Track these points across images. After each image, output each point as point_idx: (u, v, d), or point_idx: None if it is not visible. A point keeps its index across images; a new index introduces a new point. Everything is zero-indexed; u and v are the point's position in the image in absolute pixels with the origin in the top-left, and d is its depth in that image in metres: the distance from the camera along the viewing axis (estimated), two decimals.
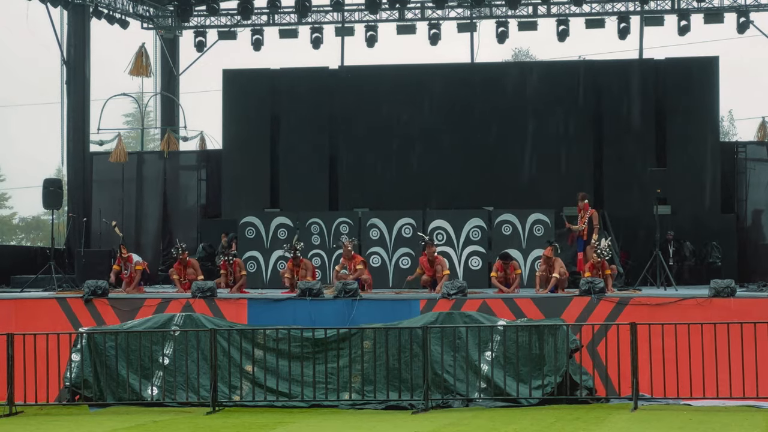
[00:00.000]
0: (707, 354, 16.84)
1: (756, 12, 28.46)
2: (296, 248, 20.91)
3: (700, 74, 27.90)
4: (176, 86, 31.82)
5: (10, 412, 17.34)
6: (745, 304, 18.28)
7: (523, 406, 17.13)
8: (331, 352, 17.77)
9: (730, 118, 58.91)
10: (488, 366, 17.52)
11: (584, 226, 20.95)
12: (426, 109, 28.29)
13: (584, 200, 21.18)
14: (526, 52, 58.98)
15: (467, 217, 23.21)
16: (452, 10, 29.73)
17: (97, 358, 18.04)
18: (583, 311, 18.64)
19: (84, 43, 27.59)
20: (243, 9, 29.31)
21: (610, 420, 15.60)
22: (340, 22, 30.15)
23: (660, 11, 29.13)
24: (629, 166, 27.12)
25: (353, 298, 19.22)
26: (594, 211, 21.08)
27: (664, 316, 18.03)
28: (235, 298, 19.84)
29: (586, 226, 20.91)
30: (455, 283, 19.27)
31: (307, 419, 16.40)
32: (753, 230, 27.14)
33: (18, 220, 64.50)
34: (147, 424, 16.02)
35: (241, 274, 21.39)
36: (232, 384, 17.84)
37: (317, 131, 28.73)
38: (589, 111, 28.12)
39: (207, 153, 30.04)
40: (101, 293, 19.80)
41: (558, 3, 29.42)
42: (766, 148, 27.55)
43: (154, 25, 31.18)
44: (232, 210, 27.22)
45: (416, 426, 15.43)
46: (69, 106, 27.63)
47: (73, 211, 27.12)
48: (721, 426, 14.90)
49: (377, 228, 23.45)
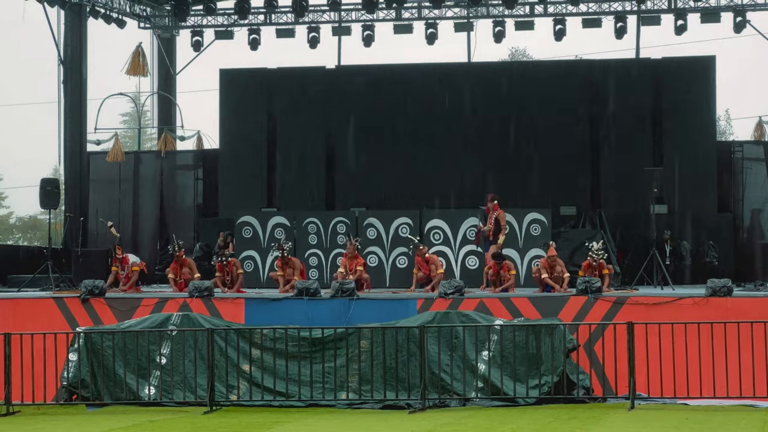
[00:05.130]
0: (704, 353, 16.87)
1: (752, 11, 28.44)
2: (284, 247, 20.95)
3: (696, 74, 27.88)
4: (173, 86, 31.79)
5: (7, 412, 17.35)
6: (742, 303, 18.31)
7: (520, 405, 17.16)
8: (329, 351, 17.78)
9: (726, 117, 58.92)
10: (485, 365, 17.53)
11: (491, 227, 21.05)
12: (422, 108, 28.24)
13: (493, 201, 21.30)
14: (523, 51, 59.01)
15: (464, 216, 23.24)
16: (449, 9, 29.71)
17: (95, 358, 18.05)
18: (580, 311, 18.67)
19: (81, 42, 27.58)
20: (240, 8, 29.26)
21: (607, 419, 15.62)
22: (337, 21, 30.13)
23: (657, 11, 29.10)
24: (626, 166, 27.10)
25: (350, 297, 19.24)
26: (501, 212, 21.15)
27: (661, 315, 18.06)
28: (233, 298, 19.85)
29: (492, 226, 21.00)
30: (452, 283, 19.29)
31: (305, 419, 16.41)
32: (750, 229, 27.15)
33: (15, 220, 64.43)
34: (144, 423, 16.02)
35: (239, 273, 21.39)
36: (230, 383, 17.85)
37: (314, 131, 28.70)
38: (586, 110, 28.08)
39: (204, 152, 30.02)
40: (98, 293, 19.80)
41: (555, 2, 29.38)
42: (762, 147, 27.54)
43: (151, 24, 31.15)
44: (229, 209, 27.18)
45: (413, 425, 15.45)
46: (66, 106, 27.61)
47: (70, 210, 27.10)
48: (718, 425, 14.92)
49: (374, 227, 23.46)
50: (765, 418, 15.68)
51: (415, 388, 17.28)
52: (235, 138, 29.13)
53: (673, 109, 27.80)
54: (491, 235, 21.09)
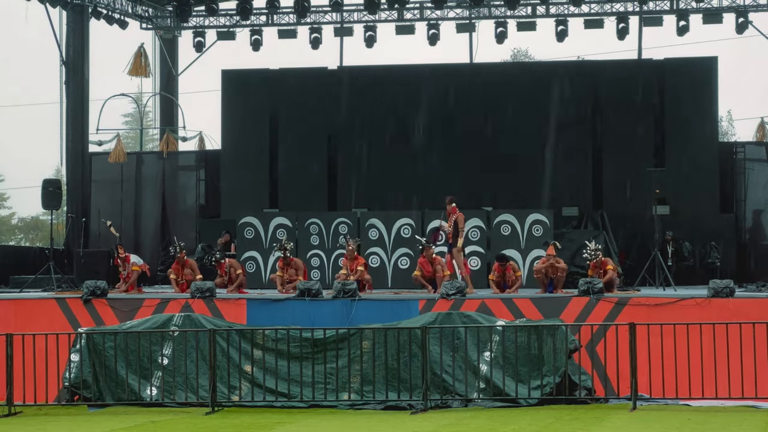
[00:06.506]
0: (706, 354, 16.85)
1: (755, 12, 28.43)
2: (285, 248, 20.94)
3: (699, 74, 27.89)
4: (175, 86, 31.80)
5: (9, 413, 17.36)
6: (744, 304, 18.30)
7: (522, 406, 17.15)
8: (330, 352, 17.77)
9: (728, 118, 58.93)
10: (487, 366, 17.52)
11: (450, 229, 21.05)
12: (424, 109, 28.27)
13: (451, 204, 21.23)
14: (525, 52, 58.98)
15: (466, 217, 23.18)
16: (451, 10, 29.71)
17: (96, 359, 18.05)
18: (582, 311, 18.65)
19: (83, 43, 27.59)
20: (242, 9, 29.27)
21: (609, 420, 15.61)
22: (339, 22, 30.13)
23: (659, 11, 29.11)
24: (628, 167, 27.12)
25: (352, 298, 19.23)
26: (460, 215, 21.11)
27: (663, 316, 18.05)
28: (234, 299, 19.85)
29: (451, 229, 21.00)
30: (454, 284, 19.29)
31: (306, 419, 16.41)
32: (752, 230, 27.16)
33: (17, 221, 64.44)
34: (146, 424, 16.02)
35: (237, 273, 21.37)
36: (231, 384, 17.85)
37: (316, 131, 28.71)
38: (588, 111, 28.11)
39: (206, 153, 30.04)
40: (100, 293, 19.80)
41: (557, 3, 29.38)
42: (764, 148, 27.56)
43: (153, 25, 31.17)
44: (231, 210, 27.19)
45: (415, 426, 15.44)
46: (68, 107, 27.62)
47: (72, 211, 27.11)
48: (720, 426, 14.92)
49: (376, 228, 23.47)
50: (767, 418, 15.67)
51: (417, 388, 17.28)
52: (237, 139, 29.16)
53: (675, 110, 27.81)
54: (450, 237, 21.09)
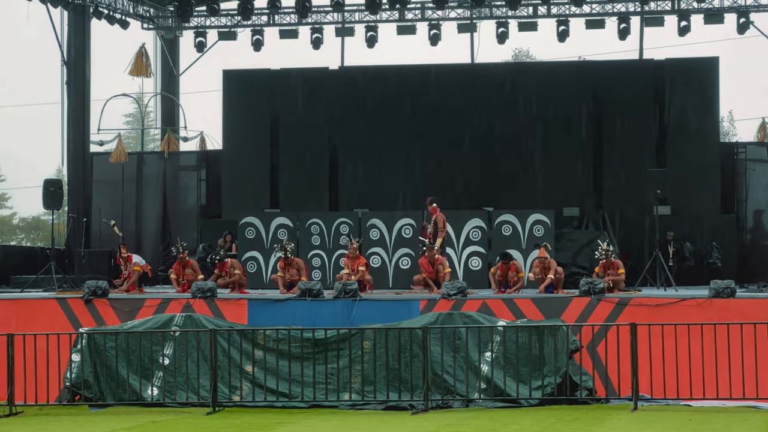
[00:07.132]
0: (707, 354, 16.85)
1: (756, 12, 28.45)
2: (286, 248, 20.94)
3: (700, 75, 27.88)
4: (176, 87, 31.82)
5: (10, 413, 17.35)
6: (745, 304, 18.30)
7: (523, 406, 17.15)
8: (331, 352, 17.77)
9: (730, 118, 58.92)
10: (488, 366, 17.52)
11: (431, 229, 21.01)
12: (426, 109, 28.27)
13: (431, 204, 21.26)
14: (527, 52, 58.96)
15: (467, 217, 23.22)
16: (452, 10, 29.73)
17: (97, 359, 18.05)
18: (583, 312, 18.66)
19: (84, 43, 27.59)
20: (243, 9, 29.30)
21: (610, 420, 15.61)
22: (341, 22, 30.14)
23: (660, 12, 29.13)
24: (629, 167, 27.11)
25: (353, 298, 19.23)
26: (440, 215, 21.11)
27: (664, 316, 18.05)
28: (235, 299, 19.85)
29: (432, 229, 20.96)
30: (455, 284, 19.28)
31: (307, 420, 16.41)
32: (753, 231, 27.18)
33: (18, 221, 64.44)
34: (147, 424, 16.02)
35: (235, 273, 21.35)
36: (232, 384, 17.85)
37: (317, 131, 28.71)
38: (589, 111, 28.10)
39: (207, 153, 30.05)
40: (101, 293, 19.81)
41: (558, 3, 29.41)
42: (766, 148, 27.57)
43: (154, 25, 31.18)
44: (232, 210, 27.20)
45: (416, 426, 15.44)
46: (69, 107, 27.63)
47: (73, 211, 27.11)
48: (721, 426, 14.91)
49: (377, 228, 23.46)
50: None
51: (417, 389, 17.28)
52: (238, 139, 29.17)
53: (676, 111, 27.80)
54: (431, 237, 21.07)
